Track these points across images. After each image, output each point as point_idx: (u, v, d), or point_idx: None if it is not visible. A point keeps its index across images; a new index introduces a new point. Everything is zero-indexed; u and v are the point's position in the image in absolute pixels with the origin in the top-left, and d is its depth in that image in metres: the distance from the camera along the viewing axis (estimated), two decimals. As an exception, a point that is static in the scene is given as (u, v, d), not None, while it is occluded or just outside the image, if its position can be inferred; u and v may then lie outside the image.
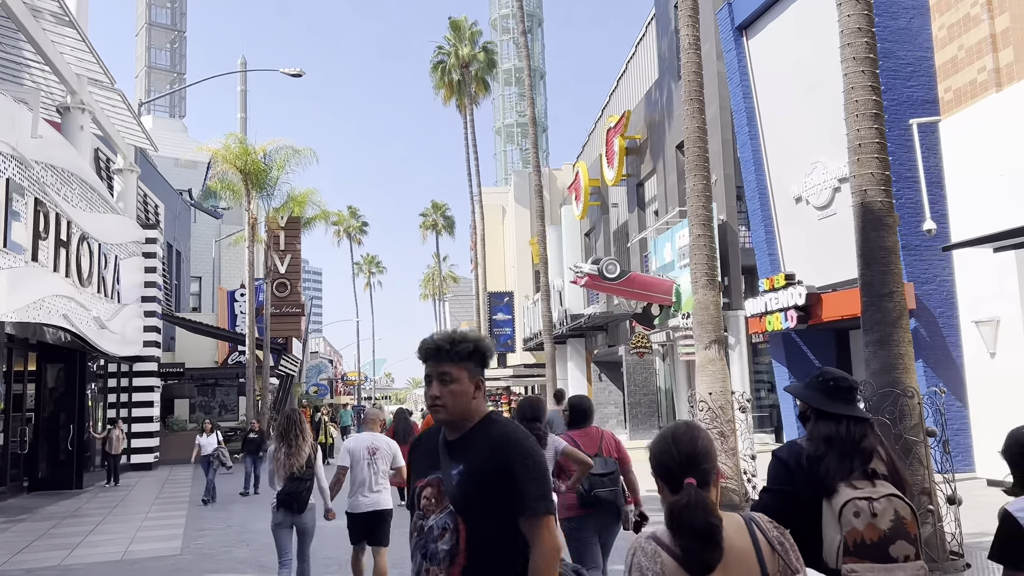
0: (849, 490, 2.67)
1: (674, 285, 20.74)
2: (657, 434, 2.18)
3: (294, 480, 6.05)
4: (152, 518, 11.79)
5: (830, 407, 2.84)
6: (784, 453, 2.89)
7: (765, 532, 2.03)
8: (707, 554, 1.92)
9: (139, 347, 20.41)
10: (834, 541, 2.64)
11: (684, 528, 1.94)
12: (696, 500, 1.95)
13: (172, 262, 32.52)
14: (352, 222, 70.79)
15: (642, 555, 1.99)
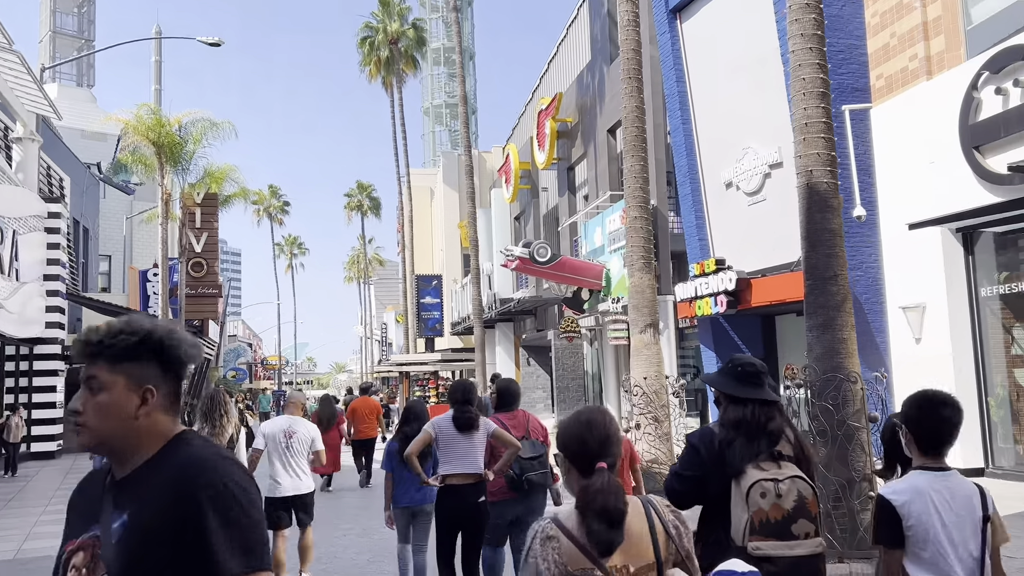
0: (756, 472, 2.80)
1: (604, 270, 20.67)
2: (568, 417, 2.19)
3: None
4: (52, 511, 10.94)
5: (738, 391, 2.95)
6: (696, 438, 3.01)
7: (661, 516, 2.07)
8: (612, 534, 1.97)
9: (40, 328, 19.13)
10: (741, 520, 2.77)
11: (596, 510, 1.98)
12: (609, 484, 2.00)
13: (79, 239, 30.72)
14: (273, 201, 68.75)
15: (539, 542, 2.03)
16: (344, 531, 8.84)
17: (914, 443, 2.72)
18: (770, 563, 2.69)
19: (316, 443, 6.51)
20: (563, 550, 2.00)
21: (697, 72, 16.66)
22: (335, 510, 10.45)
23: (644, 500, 2.11)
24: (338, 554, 7.63)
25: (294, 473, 6.31)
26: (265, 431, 6.42)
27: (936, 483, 2.63)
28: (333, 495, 12.07)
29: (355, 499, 11.65)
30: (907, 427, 2.75)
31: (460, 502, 5.19)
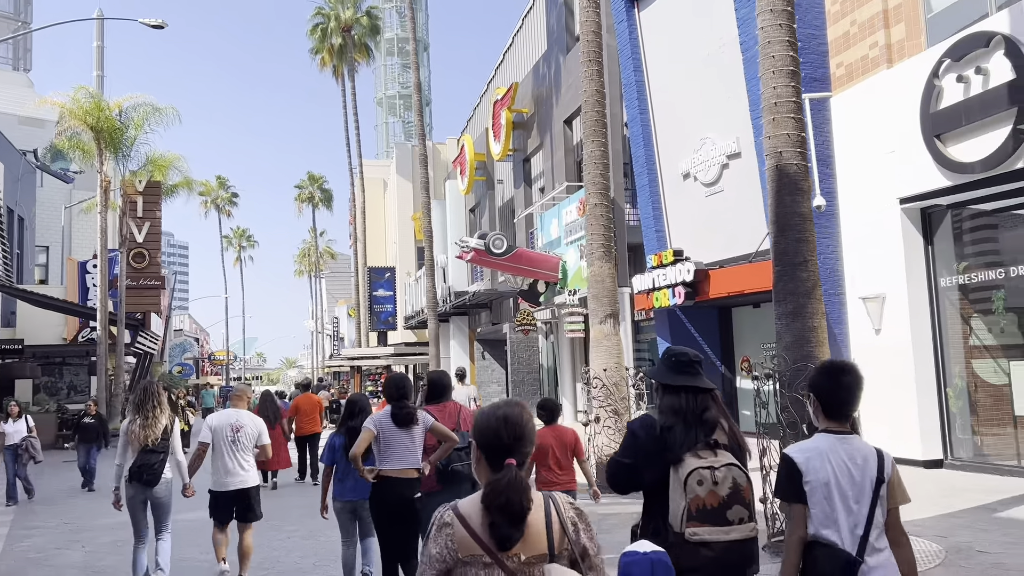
0: (693, 460, 2.90)
1: (560, 261, 20.41)
2: (486, 408, 2.21)
3: (147, 452, 5.88)
4: (10, 507, 10.24)
5: (672, 380, 3.08)
6: (636, 425, 3.11)
7: (560, 511, 2.11)
8: (513, 530, 2.02)
9: (-33, 321, 18.09)
10: (679, 507, 2.86)
11: (499, 506, 2.02)
12: (516, 481, 2.03)
13: (13, 228, 29.36)
14: (221, 193, 67.11)
15: (435, 528, 2.08)
16: (288, 533, 8.38)
17: (820, 409, 2.89)
18: (707, 547, 2.81)
19: (262, 437, 6.46)
20: (456, 537, 2.05)
21: (655, 61, 16.46)
22: (280, 510, 9.97)
23: (546, 495, 2.15)
24: (281, 558, 7.19)
25: (239, 467, 6.23)
26: (212, 424, 6.31)
27: (837, 445, 2.81)
28: (277, 494, 11.58)
29: (299, 499, 11.16)
30: (814, 394, 2.92)
31: (398, 497, 5.16)
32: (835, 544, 2.71)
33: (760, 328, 15.89)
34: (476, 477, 2.18)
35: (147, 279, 23.37)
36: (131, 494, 5.96)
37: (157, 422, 5.98)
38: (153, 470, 5.88)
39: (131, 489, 5.94)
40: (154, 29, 22.72)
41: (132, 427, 5.95)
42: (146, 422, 5.94)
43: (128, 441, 5.94)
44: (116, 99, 21.78)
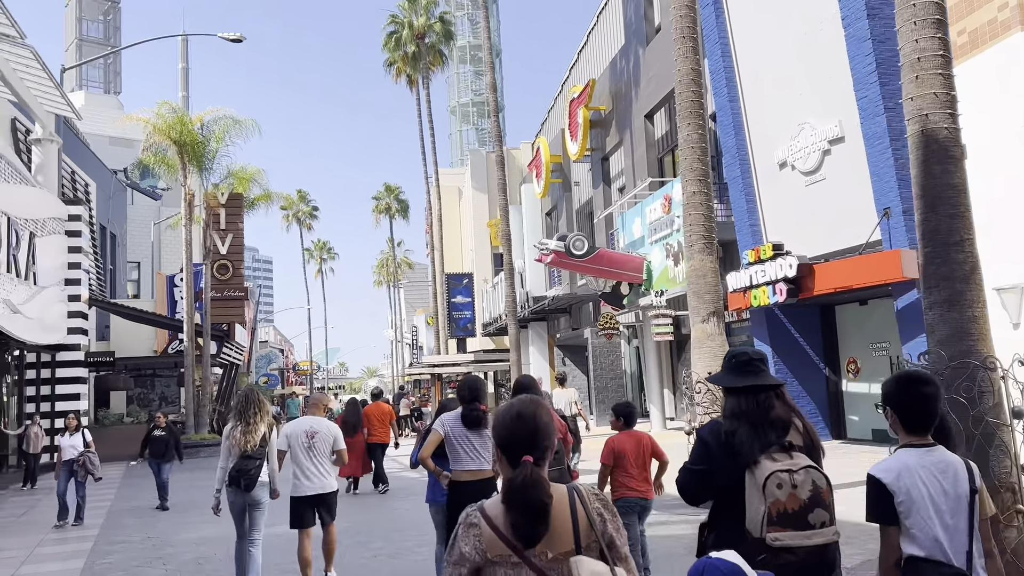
0: (770, 463, 2.80)
1: (645, 262, 19.58)
2: (502, 407, 2.21)
3: (245, 458, 6.03)
4: (59, 531, 10.14)
5: (732, 382, 3.02)
6: (706, 432, 3.03)
7: (586, 504, 2.09)
8: (535, 528, 2.00)
9: (62, 335, 18.52)
10: (758, 512, 2.76)
11: (517, 504, 2.01)
12: (532, 478, 2.02)
13: (106, 246, 30.31)
14: (302, 206, 68.30)
15: (462, 528, 2.09)
16: (375, 551, 7.89)
17: (899, 423, 2.80)
18: (790, 553, 2.72)
19: (338, 442, 6.50)
20: (483, 537, 2.04)
21: (744, 45, 15.52)
22: (366, 524, 9.53)
23: (570, 488, 2.13)
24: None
25: (317, 473, 6.32)
26: (287, 432, 6.43)
27: (923, 459, 2.72)
28: (361, 506, 11.20)
29: (384, 513, 10.72)
30: (891, 408, 2.81)
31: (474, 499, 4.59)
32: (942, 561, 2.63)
33: (866, 327, 14.73)
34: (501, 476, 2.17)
35: (231, 290, 23.63)
36: (231, 499, 6.14)
37: (257, 429, 6.13)
38: (250, 475, 6.02)
39: (231, 494, 6.12)
40: (233, 43, 23.03)
41: (234, 432, 6.12)
42: (247, 428, 6.09)
43: (230, 446, 6.12)
44: (198, 113, 22.09)
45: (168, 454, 11.82)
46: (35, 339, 16.60)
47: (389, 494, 12.25)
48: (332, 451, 6.41)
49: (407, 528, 8.94)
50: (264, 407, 6.33)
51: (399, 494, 12.20)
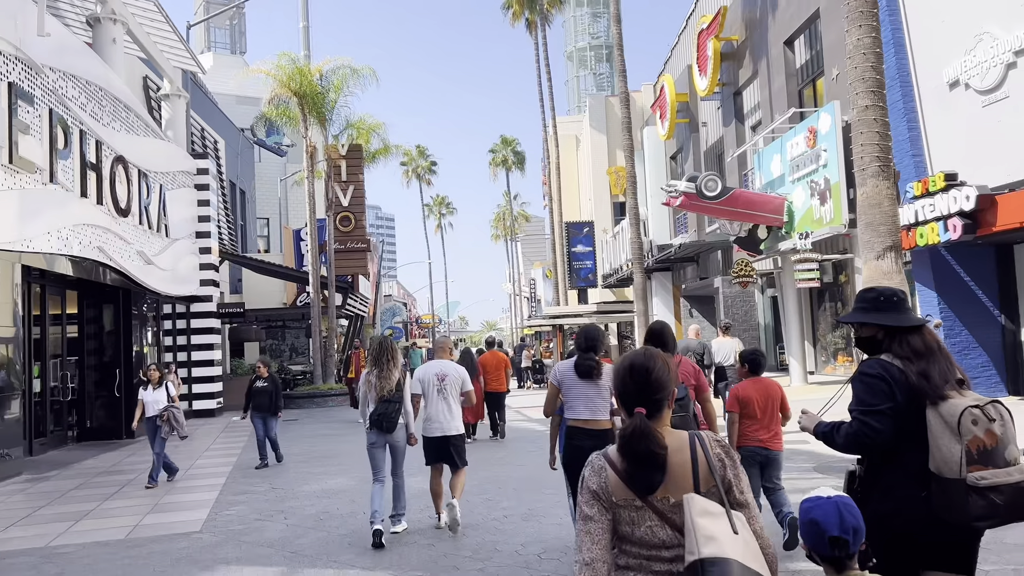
0: (960, 399, 2.66)
1: (785, 202, 17.97)
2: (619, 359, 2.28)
3: (384, 402, 6.38)
4: (189, 476, 10.14)
5: (905, 322, 2.88)
6: (877, 370, 2.82)
7: (707, 450, 2.12)
8: (648, 477, 2.06)
9: (195, 286, 18.98)
10: (952, 451, 2.60)
11: (629, 454, 2.07)
12: (641, 429, 2.06)
13: (236, 202, 31.22)
14: (421, 162, 68.90)
15: (590, 470, 2.15)
16: (505, 510, 7.28)
17: None
18: (997, 492, 2.53)
19: (466, 383, 6.74)
20: (609, 481, 2.11)
21: (908, -51, 13.57)
22: (494, 482, 8.98)
23: (691, 434, 2.16)
24: (500, 544, 6.06)
25: (445, 414, 6.57)
26: (419, 375, 6.72)
27: None
28: (488, 462, 10.69)
29: (517, 469, 10.14)
30: None
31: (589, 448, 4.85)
32: None
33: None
34: None
35: (354, 242, 23.69)
36: (372, 440, 6.49)
37: (391, 375, 6.41)
38: (390, 418, 6.36)
39: (372, 435, 6.48)
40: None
41: (369, 378, 6.48)
42: (382, 374, 6.40)
43: (367, 391, 6.50)
44: (316, 64, 21.96)
45: (273, 406, 10.81)
46: (169, 290, 17.01)
47: (516, 446, 11.71)
48: (461, 392, 6.68)
49: (538, 485, 8.31)
50: (396, 354, 6.60)
51: (526, 446, 11.63)
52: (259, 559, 5.87)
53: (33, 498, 9.04)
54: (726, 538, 1.99)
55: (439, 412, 6.54)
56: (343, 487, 8.68)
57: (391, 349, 6.57)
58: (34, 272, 12.40)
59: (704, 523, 2.00)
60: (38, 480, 10.43)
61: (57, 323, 14.14)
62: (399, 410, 6.43)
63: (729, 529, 2.01)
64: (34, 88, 10.85)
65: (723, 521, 2.02)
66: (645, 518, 2.07)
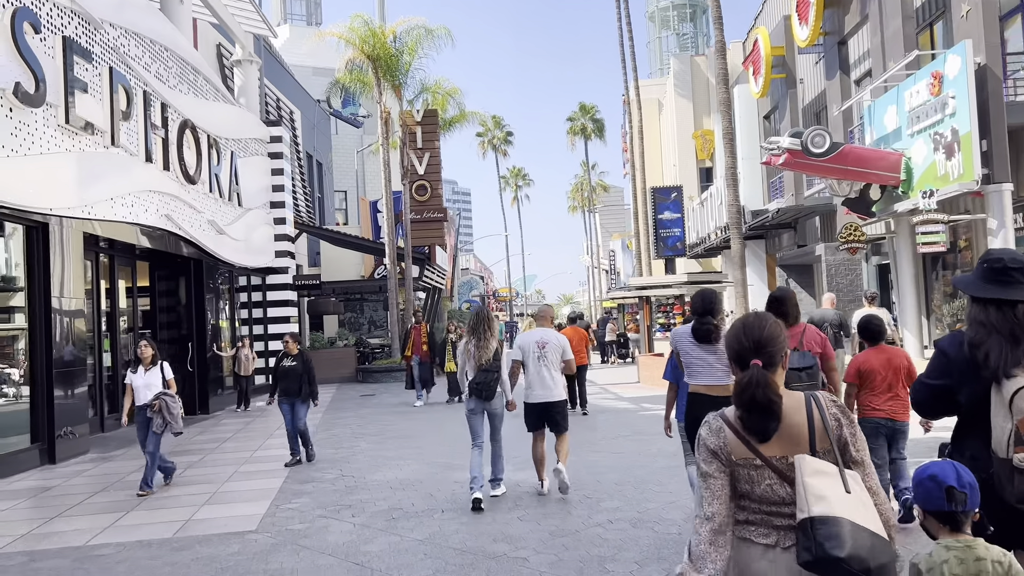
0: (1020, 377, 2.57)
1: (903, 159, 16.11)
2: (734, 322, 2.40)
3: (483, 371, 6.53)
4: (255, 461, 9.42)
5: (982, 292, 2.79)
6: (946, 343, 2.87)
7: (823, 410, 2.18)
8: (763, 424, 2.13)
9: (269, 258, 18.50)
10: (1004, 430, 2.57)
11: (745, 402, 2.16)
12: (758, 378, 2.15)
13: (313, 173, 30.90)
14: (496, 132, 67.84)
15: (707, 430, 2.25)
16: (609, 514, 6.18)
17: None
18: None
19: (566, 352, 6.83)
20: (728, 440, 2.19)
21: None
22: (589, 469, 7.93)
23: (808, 395, 2.22)
24: (608, 562, 4.96)
25: (547, 381, 6.68)
26: (520, 343, 6.86)
27: None
28: (573, 435, 9.69)
29: (599, 446, 9.08)
30: None
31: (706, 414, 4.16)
32: None
33: None
34: None
35: (430, 211, 22.86)
36: (472, 407, 6.65)
37: (488, 345, 6.59)
38: (489, 387, 6.52)
39: (471, 403, 6.64)
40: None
41: (468, 347, 6.66)
42: (479, 343, 6.58)
43: (465, 360, 6.67)
44: (390, 25, 21.05)
45: (304, 391, 8.98)
46: (242, 261, 16.51)
47: (607, 429, 10.63)
48: (561, 360, 6.73)
49: (643, 479, 7.21)
50: (493, 324, 6.77)
51: (617, 429, 10.53)
52: (314, 569, 4.98)
53: (92, 481, 8.47)
54: (837, 497, 2.05)
55: (540, 379, 6.66)
56: (418, 476, 7.78)
57: (488, 320, 6.74)
58: (102, 241, 11.94)
59: (815, 483, 2.06)
60: (103, 460, 9.93)
61: (129, 296, 13.74)
62: (498, 379, 6.57)
63: (842, 488, 2.07)
64: (92, 44, 10.21)
65: (836, 480, 2.08)
66: (764, 476, 2.16)
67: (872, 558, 1.99)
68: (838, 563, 1.97)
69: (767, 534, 2.15)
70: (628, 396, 14.54)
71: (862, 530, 2.00)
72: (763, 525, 2.16)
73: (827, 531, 1.97)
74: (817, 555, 1.98)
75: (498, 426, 6.75)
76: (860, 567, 1.97)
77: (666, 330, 21.46)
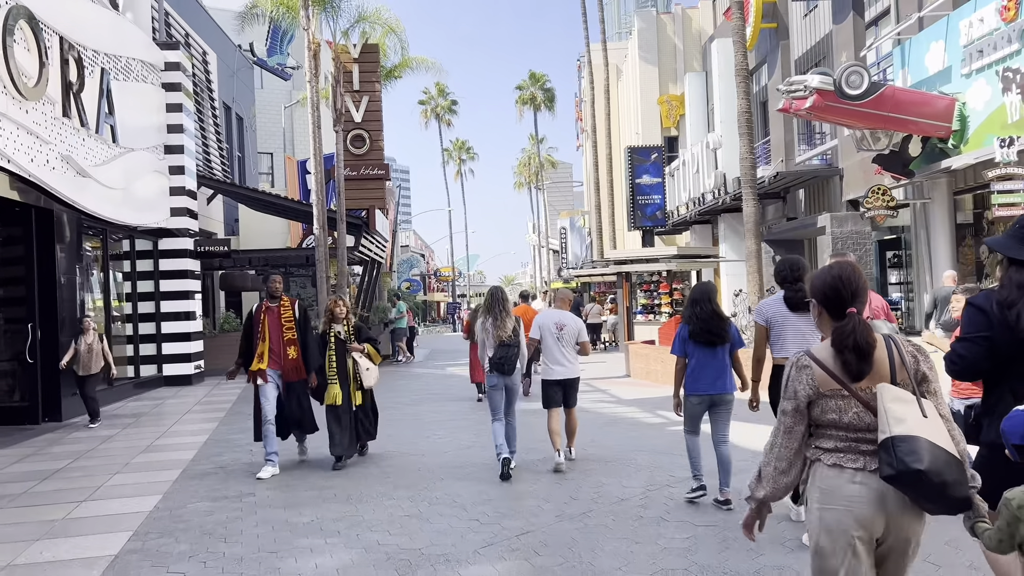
0: None
1: (956, 103, 13.17)
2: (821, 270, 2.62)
3: (504, 346, 6.81)
4: (103, 496, 5.78)
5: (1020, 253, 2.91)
6: (980, 300, 2.96)
7: (900, 348, 2.46)
8: (862, 365, 2.40)
9: (162, 215, 14.59)
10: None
11: (850, 346, 2.39)
12: (860, 325, 2.41)
13: (232, 128, 26.64)
14: (441, 101, 63.77)
15: (795, 369, 2.51)
16: None
17: None
18: None
19: (582, 334, 7.11)
20: (815, 375, 2.45)
21: None
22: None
23: (887, 336, 2.48)
24: None
25: (565, 359, 6.93)
26: (539, 322, 7.06)
27: None
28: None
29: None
30: None
31: None
32: None
33: None
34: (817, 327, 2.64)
35: (368, 167, 19.03)
36: (493, 382, 6.89)
37: (506, 322, 6.88)
38: (510, 361, 6.79)
39: (493, 378, 6.88)
40: None
41: (485, 325, 6.91)
42: (497, 322, 6.88)
43: (484, 337, 6.91)
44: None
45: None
46: (120, 217, 12.58)
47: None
48: (576, 342, 7.01)
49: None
50: (508, 303, 7.11)
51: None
52: None
53: None
54: (915, 420, 2.29)
55: (559, 357, 6.92)
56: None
57: (503, 299, 7.05)
58: None
59: (895, 407, 2.31)
60: None
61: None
62: (517, 353, 6.83)
63: (919, 413, 2.32)
64: None
65: (914, 406, 2.33)
66: (851, 406, 2.41)
67: (948, 474, 2.23)
68: (919, 475, 2.21)
69: (855, 459, 2.39)
70: (629, 398, 11.25)
71: (939, 448, 2.24)
72: (851, 452, 2.40)
73: (907, 447, 2.23)
74: (899, 469, 2.22)
75: (513, 400, 6.99)
76: (938, 479, 2.21)
77: (649, 312, 18.20)
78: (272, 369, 7.28)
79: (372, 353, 7.54)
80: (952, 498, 2.22)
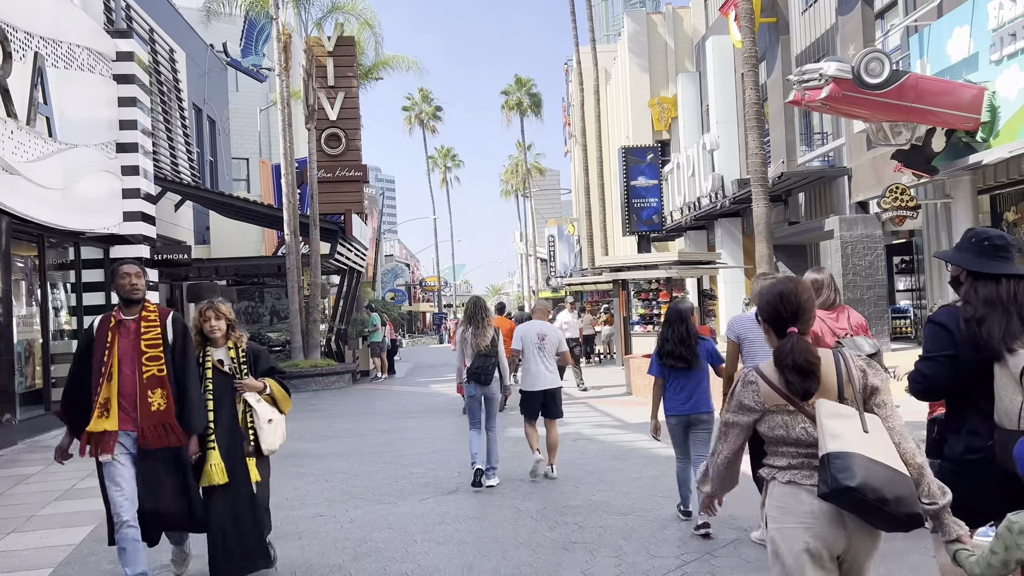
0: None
1: (986, 92, 12.05)
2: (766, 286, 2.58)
3: (482, 356, 6.83)
4: None
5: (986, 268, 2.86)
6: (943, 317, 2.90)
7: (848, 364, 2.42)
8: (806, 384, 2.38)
9: (113, 219, 13.21)
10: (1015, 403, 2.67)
11: (787, 365, 2.40)
12: (798, 345, 2.40)
13: (203, 132, 25.27)
14: (425, 107, 62.50)
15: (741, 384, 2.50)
16: None
17: None
18: None
19: (562, 345, 7.36)
20: (761, 391, 2.45)
21: None
22: None
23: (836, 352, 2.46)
24: None
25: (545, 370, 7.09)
26: (521, 333, 7.23)
27: None
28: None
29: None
30: None
31: None
32: None
33: None
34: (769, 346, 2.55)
35: (345, 168, 17.71)
36: (471, 392, 6.91)
37: (485, 332, 6.88)
38: (487, 371, 6.81)
39: (471, 388, 6.90)
40: None
41: (465, 335, 6.95)
42: (477, 331, 6.87)
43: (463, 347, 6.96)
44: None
45: None
46: (60, 221, 11.23)
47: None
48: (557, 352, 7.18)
49: None
50: (489, 313, 7.16)
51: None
52: None
53: None
54: (853, 436, 2.26)
55: (539, 368, 7.06)
56: None
57: (484, 308, 7.06)
58: None
59: (831, 424, 2.28)
60: None
61: None
62: (495, 364, 6.85)
63: (859, 428, 2.28)
64: None
65: (853, 421, 2.30)
66: (798, 421, 2.39)
67: (888, 490, 2.17)
68: (851, 492, 2.17)
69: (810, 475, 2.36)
70: (636, 422, 9.94)
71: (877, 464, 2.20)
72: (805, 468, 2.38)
73: (841, 464, 2.18)
74: (832, 486, 2.19)
75: (493, 412, 6.94)
76: (873, 496, 2.16)
77: (647, 323, 16.95)
78: (125, 430, 4.21)
79: (278, 395, 4.72)
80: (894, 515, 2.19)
